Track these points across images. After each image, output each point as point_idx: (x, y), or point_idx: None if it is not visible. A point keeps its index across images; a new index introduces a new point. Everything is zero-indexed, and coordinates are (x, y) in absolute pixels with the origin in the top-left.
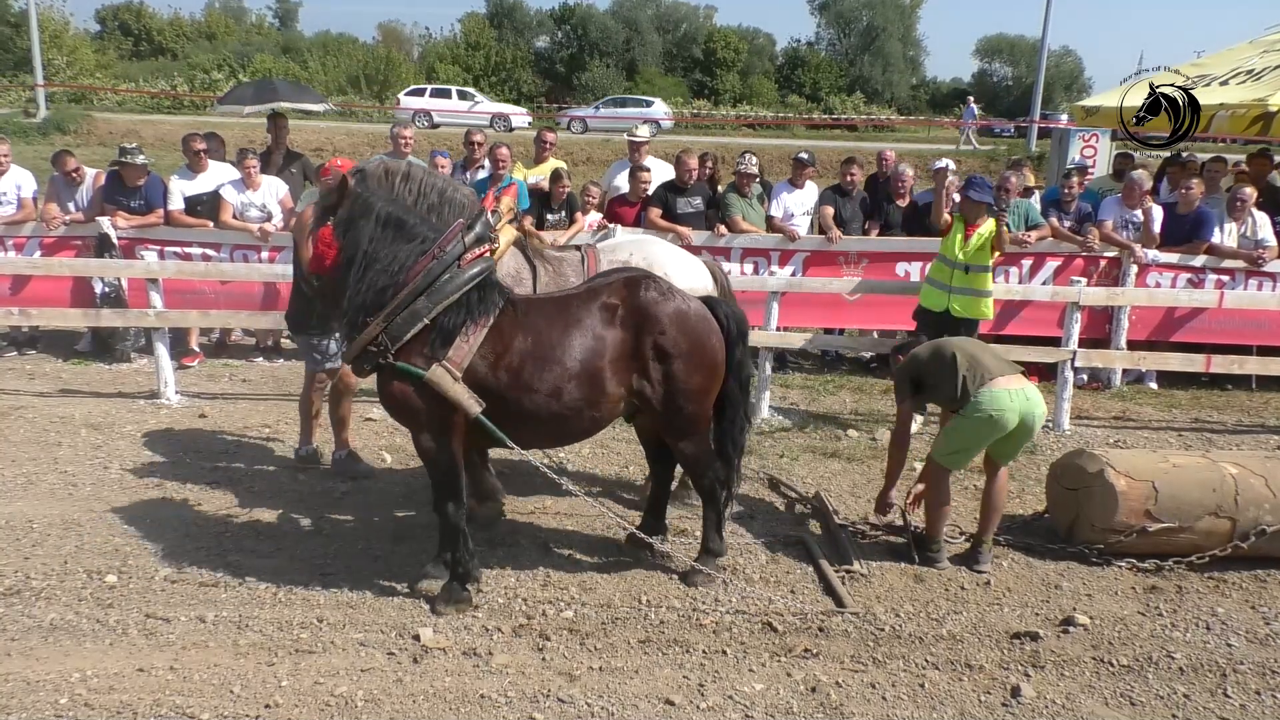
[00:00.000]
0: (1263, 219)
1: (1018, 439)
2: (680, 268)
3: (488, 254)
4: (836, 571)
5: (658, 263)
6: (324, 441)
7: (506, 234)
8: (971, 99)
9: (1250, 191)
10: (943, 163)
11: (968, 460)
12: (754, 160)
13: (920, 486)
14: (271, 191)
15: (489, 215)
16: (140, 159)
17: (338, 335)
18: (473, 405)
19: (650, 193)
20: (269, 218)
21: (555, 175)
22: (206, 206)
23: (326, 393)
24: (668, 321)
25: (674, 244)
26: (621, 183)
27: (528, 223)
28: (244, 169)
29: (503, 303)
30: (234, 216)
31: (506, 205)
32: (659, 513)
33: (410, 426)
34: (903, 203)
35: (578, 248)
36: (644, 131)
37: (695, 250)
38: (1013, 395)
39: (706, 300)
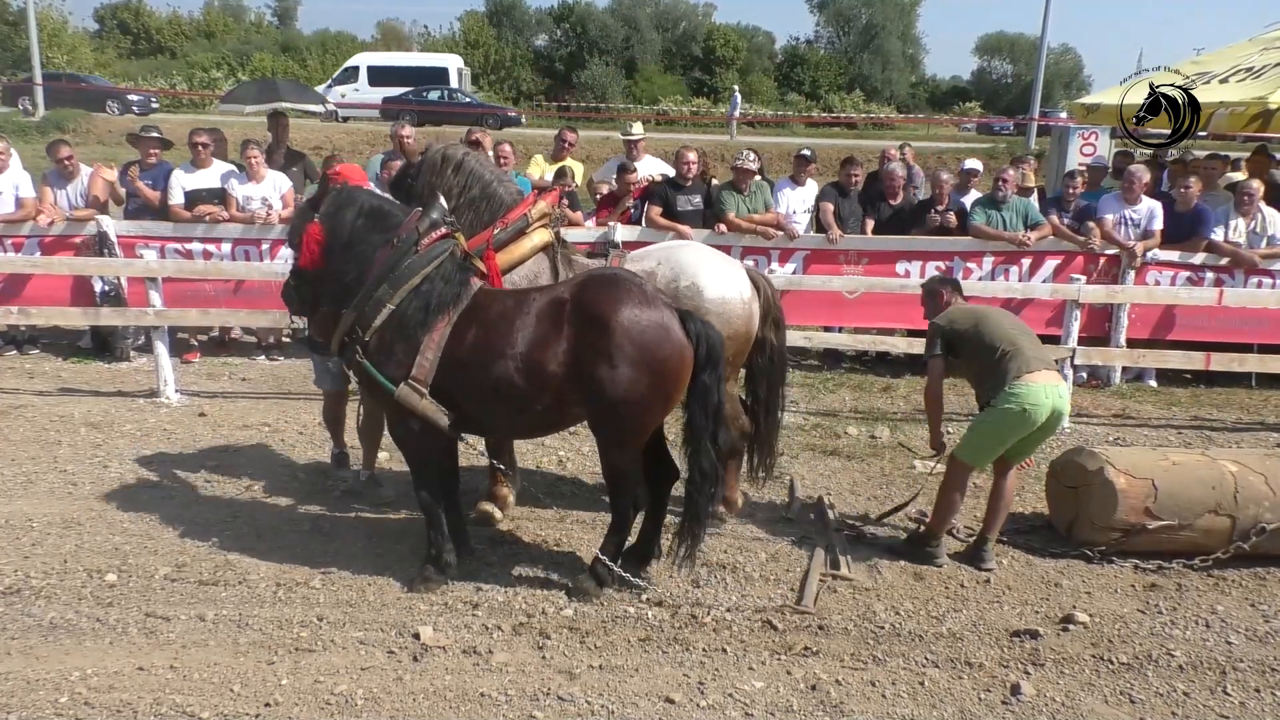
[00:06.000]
0: (1272, 214)
1: (1038, 437)
2: (713, 275)
3: (448, 236)
4: (823, 576)
5: (686, 270)
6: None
7: (540, 236)
8: (737, 89)
9: (1257, 185)
10: (971, 163)
11: (992, 457)
12: (753, 156)
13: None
14: (274, 186)
15: (525, 214)
16: (153, 133)
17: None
18: (441, 419)
19: (648, 188)
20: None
21: (560, 172)
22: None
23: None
24: (615, 322)
25: (709, 250)
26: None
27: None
28: (247, 159)
29: (472, 289)
30: (237, 210)
31: (540, 210)
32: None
33: (385, 412)
34: (895, 201)
35: (605, 252)
36: (638, 129)
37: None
38: (1048, 392)
39: (683, 315)
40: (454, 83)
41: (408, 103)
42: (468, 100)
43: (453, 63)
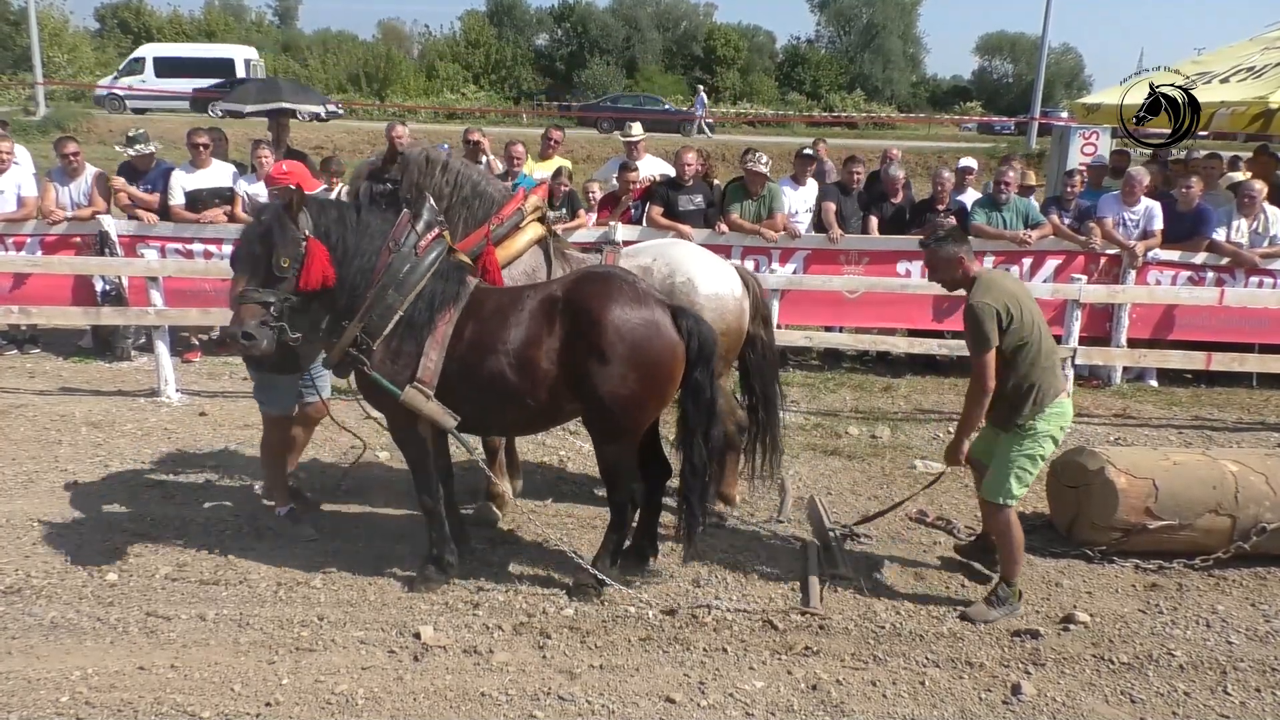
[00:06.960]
0: (1274, 214)
1: None
2: (706, 272)
3: (441, 236)
4: (823, 576)
5: (681, 267)
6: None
7: (532, 230)
8: (701, 89)
9: (1260, 186)
10: (966, 161)
11: (1027, 488)
12: (765, 159)
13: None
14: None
15: (518, 209)
16: (141, 149)
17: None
18: (448, 420)
19: (649, 188)
20: None
21: (557, 172)
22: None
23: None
24: (605, 320)
25: (701, 248)
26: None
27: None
28: (258, 159)
29: (470, 287)
30: (243, 210)
31: (533, 204)
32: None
33: (384, 414)
34: (897, 200)
35: (600, 249)
36: (638, 129)
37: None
38: (1068, 405)
39: (675, 312)
40: (241, 74)
41: (602, 110)
42: (666, 108)
43: (240, 54)
